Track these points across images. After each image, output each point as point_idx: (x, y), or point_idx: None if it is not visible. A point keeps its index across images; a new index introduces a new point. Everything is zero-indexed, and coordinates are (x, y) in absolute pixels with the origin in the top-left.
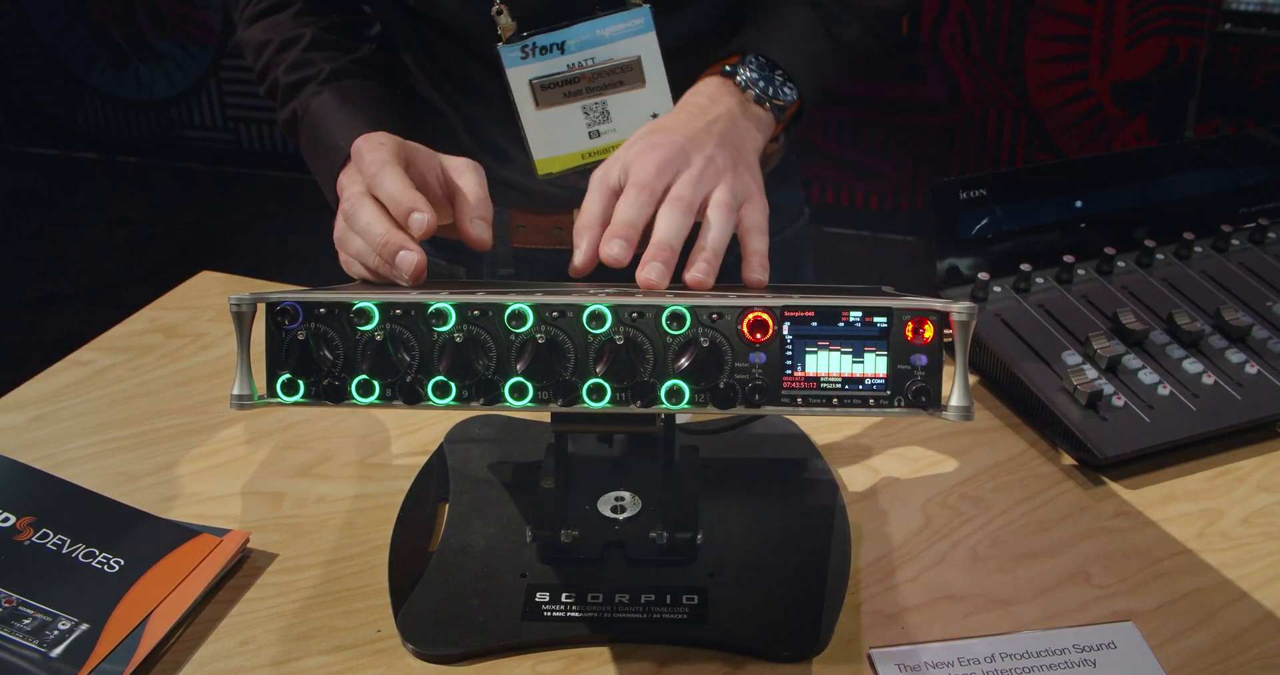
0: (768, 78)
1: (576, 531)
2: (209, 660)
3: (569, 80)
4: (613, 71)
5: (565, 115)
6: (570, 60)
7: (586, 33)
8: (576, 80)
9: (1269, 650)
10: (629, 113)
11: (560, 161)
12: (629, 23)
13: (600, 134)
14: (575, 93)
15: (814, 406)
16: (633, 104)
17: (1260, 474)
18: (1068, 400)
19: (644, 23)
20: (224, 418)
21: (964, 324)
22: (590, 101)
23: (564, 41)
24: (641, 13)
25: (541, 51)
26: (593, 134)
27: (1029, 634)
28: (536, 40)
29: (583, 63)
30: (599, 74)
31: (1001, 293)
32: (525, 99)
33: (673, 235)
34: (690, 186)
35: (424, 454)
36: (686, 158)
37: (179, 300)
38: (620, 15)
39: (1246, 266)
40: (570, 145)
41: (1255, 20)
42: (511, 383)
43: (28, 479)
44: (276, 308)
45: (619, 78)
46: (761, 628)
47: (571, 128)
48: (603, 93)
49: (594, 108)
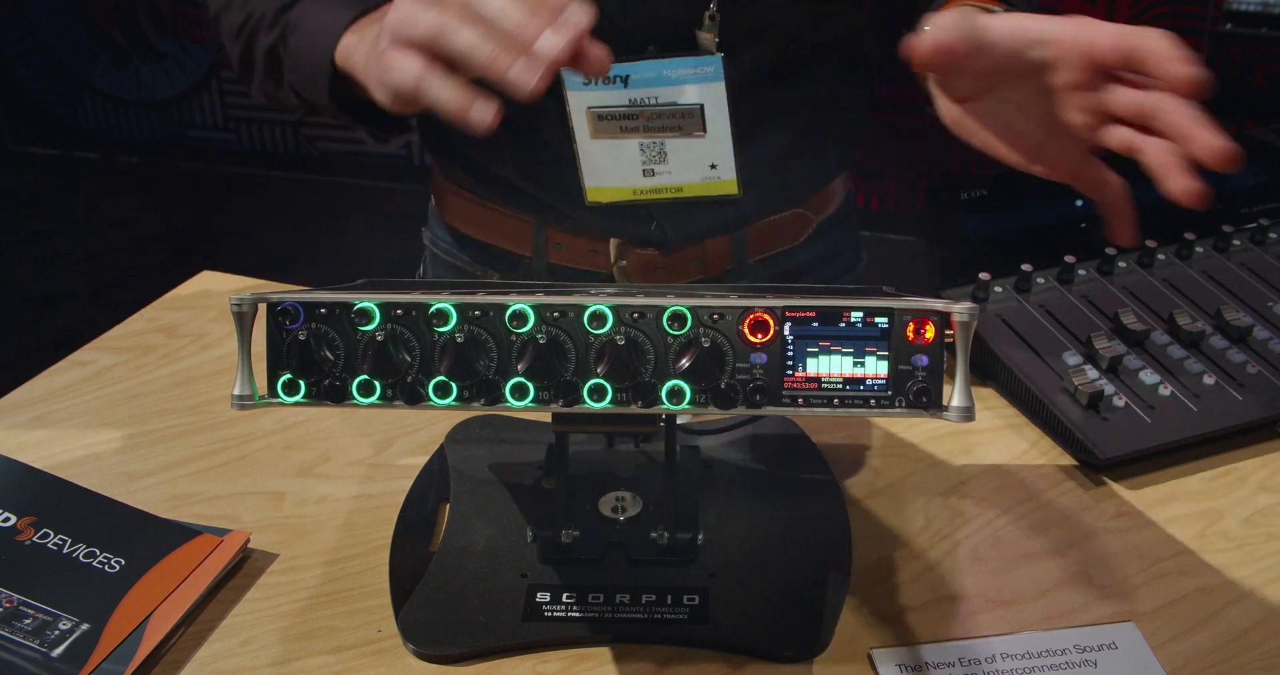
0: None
1: (577, 532)
2: (210, 660)
3: (627, 116)
4: (674, 115)
5: (620, 148)
6: (632, 95)
7: (652, 71)
8: (635, 117)
9: (1270, 651)
10: (686, 159)
11: (611, 192)
12: (698, 69)
13: (655, 173)
14: (633, 129)
15: (815, 407)
16: (691, 150)
17: (1262, 474)
18: (1068, 400)
19: (714, 71)
20: (225, 418)
21: (965, 324)
22: (647, 140)
23: (628, 75)
24: (713, 61)
25: (604, 82)
26: (647, 172)
27: (1030, 634)
28: None
29: (645, 100)
30: (659, 115)
31: (1002, 293)
32: (581, 125)
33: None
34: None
35: (425, 454)
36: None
37: (180, 300)
38: (691, 60)
39: (1247, 267)
40: (623, 179)
41: (1256, 20)
42: (512, 383)
43: (28, 479)
44: (277, 308)
45: (678, 122)
46: (762, 628)
47: (626, 162)
48: (661, 134)
49: (650, 147)
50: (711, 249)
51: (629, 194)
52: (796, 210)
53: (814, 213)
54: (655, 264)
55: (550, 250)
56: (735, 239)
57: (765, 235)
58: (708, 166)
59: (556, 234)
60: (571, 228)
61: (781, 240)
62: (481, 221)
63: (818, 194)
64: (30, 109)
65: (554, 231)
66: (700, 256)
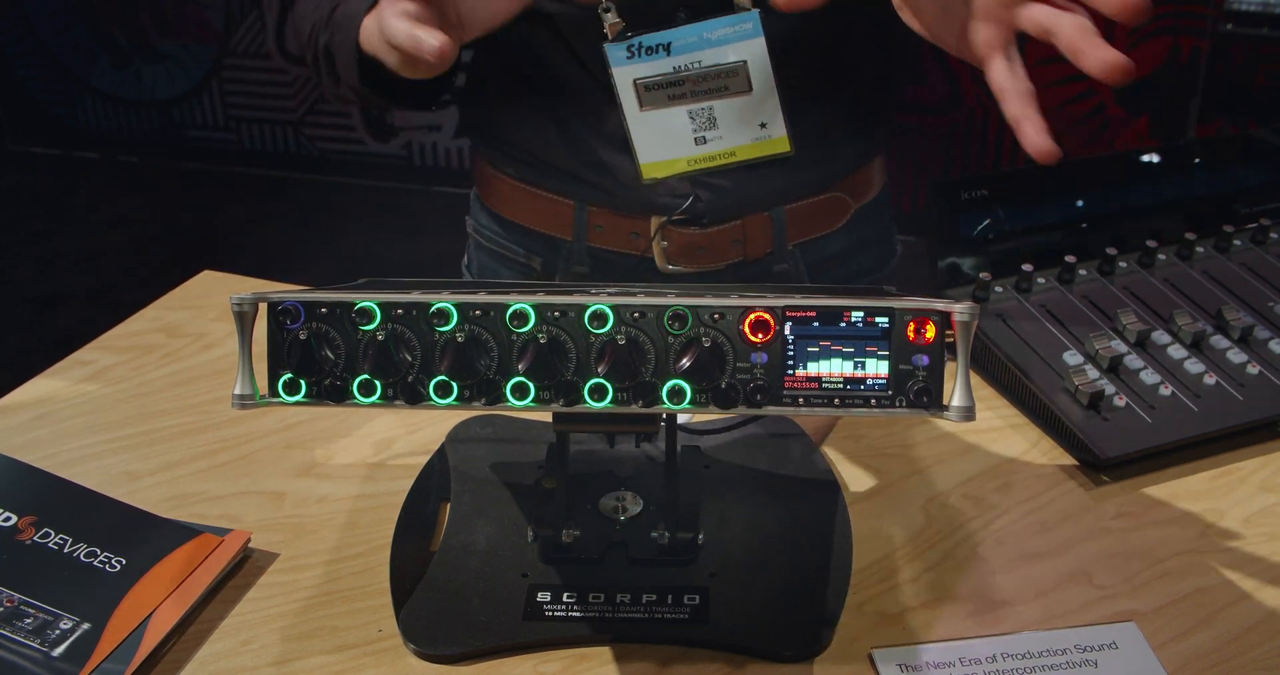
0: None
1: (578, 531)
2: (210, 660)
3: (674, 82)
4: (718, 76)
5: (670, 118)
6: (676, 62)
7: (693, 35)
8: (681, 83)
9: (1271, 651)
10: (735, 120)
11: (665, 167)
12: (737, 27)
13: (706, 140)
14: (680, 95)
15: (816, 407)
16: (739, 111)
17: (1262, 474)
18: (1069, 400)
19: (752, 27)
20: (225, 417)
21: (966, 324)
22: (695, 106)
23: (670, 42)
24: (750, 17)
25: (647, 52)
26: (699, 140)
27: (1030, 634)
28: (643, 40)
29: (688, 65)
30: (704, 78)
31: (1003, 293)
32: (630, 100)
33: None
34: None
35: (425, 454)
36: None
37: (180, 300)
38: (728, 19)
39: (1248, 267)
40: (676, 150)
41: (1257, 20)
42: (513, 382)
43: (29, 478)
44: (278, 307)
45: (724, 83)
46: (763, 628)
47: (677, 132)
48: (708, 97)
49: (700, 113)
50: (752, 230)
51: (684, 165)
52: (835, 194)
53: (852, 198)
54: (696, 243)
55: (592, 233)
56: (776, 219)
57: (804, 218)
58: (758, 126)
59: (598, 215)
60: (615, 205)
61: (820, 225)
62: (524, 205)
63: (855, 175)
64: (30, 109)
65: (596, 212)
66: (741, 238)
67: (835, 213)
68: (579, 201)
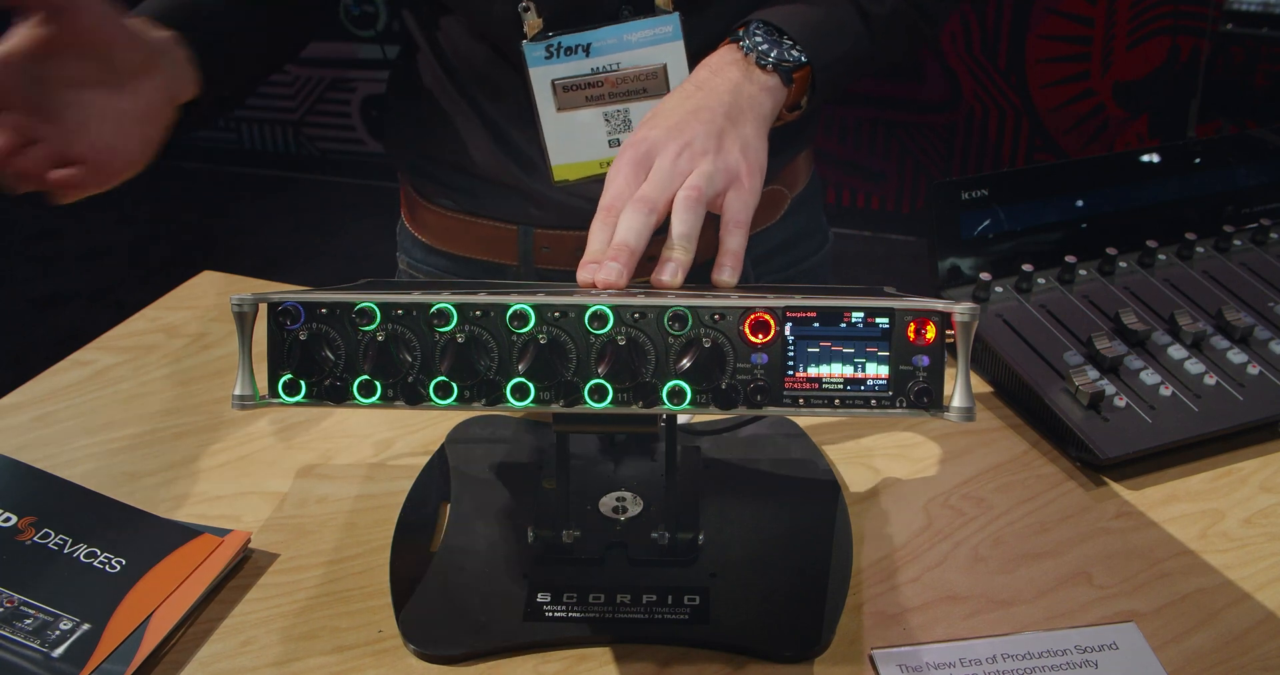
0: (773, 41)
1: (578, 532)
2: (210, 660)
3: (592, 84)
4: (637, 78)
5: (585, 120)
6: (595, 64)
7: (613, 37)
8: (600, 84)
9: (1271, 651)
10: None
11: (578, 169)
12: (656, 29)
13: (620, 143)
14: (597, 97)
15: (816, 407)
16: None
17: (1262, 475)
18: (1069, 401)
19: (672, 31)
20: (225, 418)
21: (966, 325)
22: (612, 108)
23: (589, 43)
24: (670, 20)
25: (566, 52)
26: (613, 142)
27: (1031, 635)
28: (562, 40)
29: (607, 67)
30: (623, 79)
31: (1003, 293)
32: (546, 100)
33: (632, 237)
34: (655, 185)
35: (425, 454)
36: (656, 150)
37: (181, 300)
38: (649, 22)
39: (1248, 267)
40: (589, 153)
41: (1257, 20)
42: (513, 383)
43: (29, 479)
44: (278, 308)
45: (643, 85)
46: (763, 628)
47: (591, 134)
48: (625, 99)
49: (615, 115)
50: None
51: (595, 168)
52: (773, 187)
53: (788, 188)
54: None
55: (539, 255)
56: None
57: None
58: None
59: (543, 237)
60: (552, 221)
61: (761, 218)
62: (461, 235)
63: (786, 168)
64: None
65: (540, 233)
66: None
67: (773, 205)
68: (521, 225)
